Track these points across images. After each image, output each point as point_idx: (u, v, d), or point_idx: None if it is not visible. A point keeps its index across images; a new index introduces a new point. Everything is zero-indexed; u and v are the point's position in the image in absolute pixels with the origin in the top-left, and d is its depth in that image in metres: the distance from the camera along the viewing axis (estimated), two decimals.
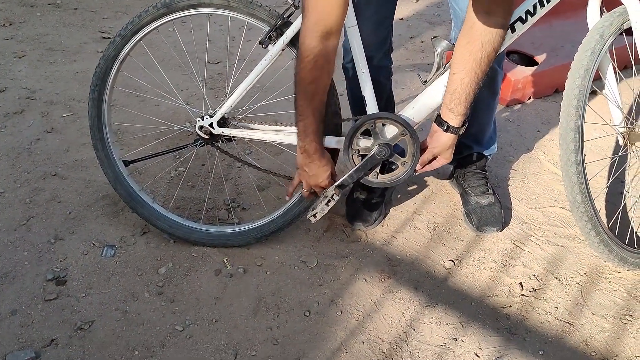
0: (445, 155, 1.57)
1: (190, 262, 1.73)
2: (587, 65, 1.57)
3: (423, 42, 3.31)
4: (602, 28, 1.59)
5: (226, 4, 1.60)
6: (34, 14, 3.34)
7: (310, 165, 1.54)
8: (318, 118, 1.48)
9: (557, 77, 2.68)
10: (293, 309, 1.59)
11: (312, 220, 1.63)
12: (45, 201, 1.93)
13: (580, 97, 1.56)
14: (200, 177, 2.07)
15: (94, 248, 1.77)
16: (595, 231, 1.58)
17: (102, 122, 1.73)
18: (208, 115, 1.68)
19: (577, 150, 1.55)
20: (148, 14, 1.62)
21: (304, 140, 1.50)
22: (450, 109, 1.48)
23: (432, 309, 1.60)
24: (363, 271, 1.71)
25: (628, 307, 1.60)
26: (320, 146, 1.52)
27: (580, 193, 1.56)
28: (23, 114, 2.39)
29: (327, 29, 1.34)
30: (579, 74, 1.57)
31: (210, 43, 3.05)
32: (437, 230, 1.87)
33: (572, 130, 1.55)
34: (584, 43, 1.60)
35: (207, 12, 1.62)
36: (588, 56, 1.57)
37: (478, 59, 1.39)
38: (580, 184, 1.56)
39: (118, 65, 1.68)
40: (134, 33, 1.64)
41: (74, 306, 1.58)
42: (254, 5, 1.59)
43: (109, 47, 1.67)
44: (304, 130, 1.48)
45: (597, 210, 1.62)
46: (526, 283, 1.67)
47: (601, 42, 1.58)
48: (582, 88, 1.56)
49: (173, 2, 1.61)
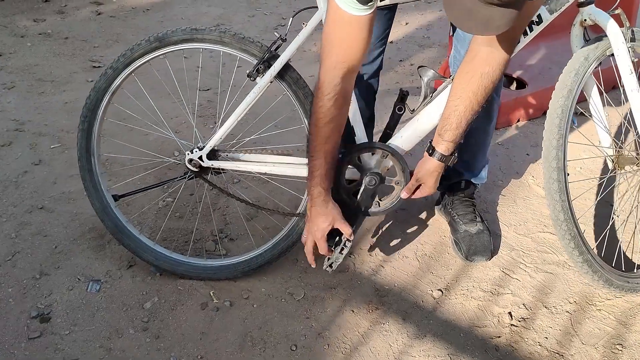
0: (428, 183, 1.55)
1: (176, 296, 1.71)
2: (570, 86, 1.59)
3: (412, 65, 3.33)
4: (587, 51, 1.60)
5: (219, 40, 1.61)
6: (24, 44, 3.36)
7: (311, 209, 1.50)
8: (330, 162, 1.45)
9: (546, 99, 2.66)
10: (279, 343, 1.57)
11: (329, 271, 1.61)
12: (31, 235, 1.92)
13: (563, 117, 1.58)
14: (188, 207, 2.06)
15: (79, 283, 1.75)
16: (579, 250, 1.58)
17: (90, 154, 1.73)
18: (197, 147, 1.68)
19: (560, 168, 1.56)
20: (140, 47, 1.63)
21: (311, 181, 1.47)
22: (440, 135, 1.47)
23: (420, 340, 1.58)
24: (351, 302, 1.70)
25: (618, 336, 1.58)
26: (325, 192, 1.48)
27: (562, 211, 1.56)
28: (11, 146, 2.39)
29: (351, 66, 1.34)
30: (562, 93, 1.59)
31: (202, 70, 3.06)
32: (426, 259, 1.86)
33: (555, 149, 1.56)
34: (568, 65, 1.62)
35: (200, 47, 1.63)
36: (572, 77, 1.59)
37: (475, 90, 1.39)
38: (562, 202, 1.56)
39: (109, 97, 1.69)
40: (125, 65, 1.65)
41: (58, 344, 1.56)
42: (246, 41, 1.60)
43: (100, 79, 1.67)
44: (312, 171, 1.46)
45: (582, 230, 1.62)
46: (515, 312, 1.66)
47: (585, 65, 1.60)
48: (564, 108, 1.58)
49: (166, 36, 1.62)
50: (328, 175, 1.46)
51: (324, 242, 1.53)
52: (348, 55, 1.32)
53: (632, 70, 1.55)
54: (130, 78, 1.69)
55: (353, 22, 1.28)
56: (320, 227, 1.51)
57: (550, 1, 1.52)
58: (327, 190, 1.48)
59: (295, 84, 1.62)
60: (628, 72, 1.55)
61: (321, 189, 1.46)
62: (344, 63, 1.33)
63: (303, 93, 1.63)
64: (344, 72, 1.34)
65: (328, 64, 1.34)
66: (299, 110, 1.66)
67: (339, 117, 1.41)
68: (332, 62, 1.33)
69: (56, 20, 3.73)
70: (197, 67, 3.05)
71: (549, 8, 1.52)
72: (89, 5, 4.02)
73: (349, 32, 1.30)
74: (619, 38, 1.55)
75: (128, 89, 1.82)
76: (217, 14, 4.00)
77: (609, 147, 1.75)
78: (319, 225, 1.51)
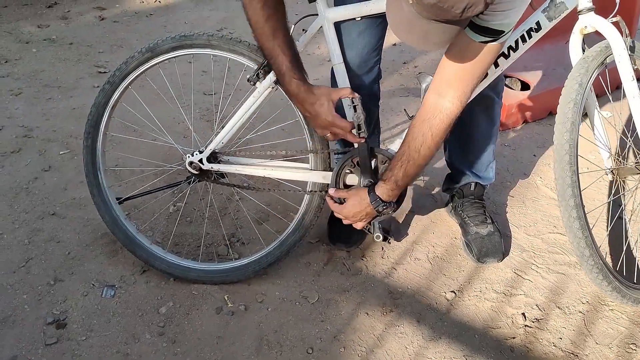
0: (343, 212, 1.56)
1: (191, 301, 1.72)
2: (575, 99, 1.54)
3: (416, 67, 3.35)
4: (587, 61, 1.58)
5: (207, 43, 1.63)
6: (29, 50, 3.36)
7: (305, 105, 1.46)
8: (288, 52, 1.40)
9: (550, 101, 2.70)
10: (295, 346, 1.58)
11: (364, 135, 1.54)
12: (44, 242, 1.93)
13: (571, 152, 1.53)
14: (198, 212, 2.07)
15: (93, 289, 1.76)
16: (607, 281, 1.56)
17: (97, 169, 1.76)
18: (198, 151, 1.70)
19: (577, 205, 1.52)
20: (134, 60, 1.65)
21: (284, 82, 1.42)
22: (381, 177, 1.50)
23: (435, 342, 1.59)
24: (365, 305, 1.71)
25: (632, 336, 1.59)
26: (302, 82, 1.43)
27: (587, 247, 1.53)
28: (20, 152, 2.40)
29: None
30: (568, 107, 1.54)
31: (206, 74, 3.07)
32: (438, 261, 1.87)
33: (569, 187, 1.52)
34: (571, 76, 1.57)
35: (190, 52, 1.65)
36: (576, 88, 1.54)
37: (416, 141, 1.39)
38: (586, 238, 1.53)
39: (109, 112, 1.72)
40: (122, 79, 1.68)
41: (75, 350, 1.56)
42: (234, 41, 1.62)
43: (99, 94, 1.70)
44: (279, 71, 1.42)
45: (604, 256, 1.60)
46: (529, 313, 1.67)
47: (587, 75, 1.56)
48: (571, 142, 1.54)
49: (157, 46, 1.64)
50: (295, 64, 1.42)
51: (341, 121, 1.48)
52: None
53: (633, 77, 1.55)
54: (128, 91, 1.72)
55: None
56: (325, 112, 1.46)
57: (550, 8, 1.53)
58: (303, 79, 1.44)
59: None
60: (629, 78, 1.55)
61: (297, 81, 1.42)
62: None
63: None
64: None
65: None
66: (299, 117, 1.66)
67: (277, 13, 1.37)
68: None
69: (60, 26, 3.74)
70: (203, 72, 3.07)
71: (548, 15, 1.53)
72: (92, 11, 4.03)
73: None
74: (621, 45, 1.55)
75: (131, 96, 1.83)
76: (220, 18, 4.02)
77: (608, 159, 1.75)
78: (324, 112, 1.46)
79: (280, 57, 1.40)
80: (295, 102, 1.48)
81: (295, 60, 1.43)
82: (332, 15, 1.55)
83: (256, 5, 1.35)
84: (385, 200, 1.50)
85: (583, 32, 1.59)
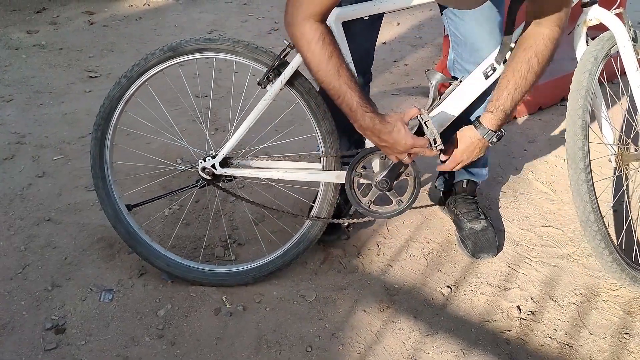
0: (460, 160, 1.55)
1: (189, 303, 1.73)
2: (587, 87, 1.58)
3: (407, 66, 3.37)
4: (594, 51, 1.62)
5: (232, 49, 1.63)
6: (19, 56, 3.36)
7: (382, 138, 1.43)
8: (355, 87, 1.37)
9: (540, 96, 2.73)
10: (294, 345, 1.60)
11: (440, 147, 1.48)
12: (40, 248, 1.93)
13: (584, 117, 1.57)
14: (195, 214, 2.08)
15: (91, 293, 1.76)
16: (609, 250, 1.58)
17: (104, 162, 1.75)
18: (210, 156, 1.70)
19: (587, 168, 1.56)
20: (154, 57, 1.65)
21: (356, 118, 1.40)
22: (487, 108, 1.49)
23: (432, 337, 1.61)
24: (362, 302, 1.72)
25: (625, 326, 1.62)
26: (375, 113, 1.40)
27: (592, 212, 1.56)
28: (13, 159, 2.40)
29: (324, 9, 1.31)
30: (580, 94, 1.58)
31: (204, 78, 3.08)
32: (433, 257, 1.89)
33: (580, 150, 1.56)
34: (580, 66, 1.61)
35: (213, 56, 1.65)
36: (587, 77, 1.58)
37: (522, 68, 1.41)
38: (592, 202, 1.55)
39: (122, 106, 1.70)
40: (139, 75, 1.67)
41: (75, 355, 1.57)
42: (259, 50, 1.62)
43: (114, 87, 1.68)
44: (349, 108, 1.39)
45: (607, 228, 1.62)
46: (524, 306, 1.69)
47: (596, 65, 1.60)
48: (585, 108, 1.58)
49: (180, 46, 1.64)
50: (364, 98, 1.39)
51: (420, 140, 1.44)
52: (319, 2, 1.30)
53: (637, 67, 1.58)
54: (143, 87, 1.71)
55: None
56: (405, 138, 1.42)
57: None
58: (375, 111, 1.40)
59: (307, 92, 1.64)
60: (634, 69, 1.59)
61: (371, 115, 1.39)
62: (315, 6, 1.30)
63: (315, 102, 1.65)
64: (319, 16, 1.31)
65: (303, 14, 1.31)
66: (310, 118, 1.68)
67: (337, 49, 1.35)
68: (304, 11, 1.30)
69: (49, 32, 3.73)
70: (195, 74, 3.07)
71: None
72: (81, 15, 4.02)
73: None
74: (625, 36, 1.58)
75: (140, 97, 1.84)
76: (210, 20, 4.02)
77: (613, 145, 1.78)
78: (403, 137, 1.42)
79: (349, 93, 1.37)
80: (369, 134, 1.44)
81: (363, 92, 1.41)
82: (339, 14, 1.54)
83: (314, 47, 1.33)
84: (494, 130, 1.50)
85: (587, 24, 1.62)
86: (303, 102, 1.65)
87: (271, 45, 3.13)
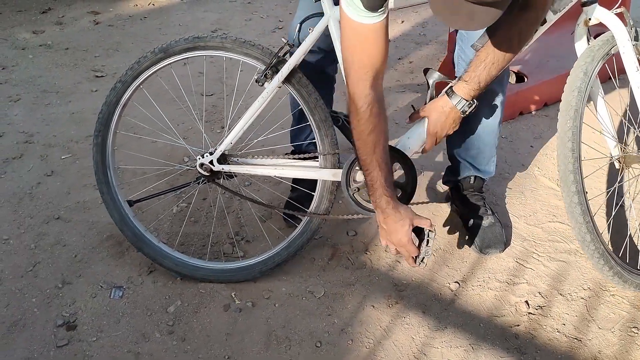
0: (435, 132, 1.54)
1: (198, 299, 1.74)
2: (576, 106, 1.58)
3: (411, 63, 3.37)
4: (592, 51, 1.61)
5: (221, 45, 1.65)
6: (26, 56, 3.37)
7: (386, 221, 1.46)
8: (384, 169, 1.41)
9: (545, 92, 2.73)
10: (304, 340, 1.61)
11: (423, 267, 1.52)
12: (50, 246, 1.94)
13: (574, 139, 1.56)
14: (202, 212, 2.09)
15: (102, 290, 1.78)
16: (608, 265, 1.59)
17: (106, 167, 1.77)
18: (208, 152, 1.71)
19: (579, 191, 1.56)
20: (147, 59, 1.66)
21: (374, 194, 1.44)
22: (462, 77, 1.49)
23: (441, 332, 1.61)
24: (370, 298, 1.73)
25: (633, 320, 1.63)
26: (392, 199, 1.43)
27: (588, 232, 1.56)
28: (22, 158, 2.41)
29: (377, 72, 1.33)
30: (569, 115, 1.57)
31: (205, 76, 3.09)
32: (440, 252, 1.89)
33: (571, 173, 1.55)
34: (576, 65, 1.60)
35: (203, 54, 1.67)
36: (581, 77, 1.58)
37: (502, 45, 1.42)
38: (587, 224, 1.55)
39: (120, 111, 1.73)
40: (134, 78, 1.69)
41: (86, 351, 1.58)
42: (248, 44, 1.64)
43: (110, 93, 1.71)
44: (372, 184, 1.43)
45: (607, 243, 1.62)
46: (532, 301, 1.70)
47: (593, 64, 1.60)
48: (574, 129, 1.56)
49: (170, 47, 1.66)
50: (388, 182, 1.43)
51: (412, 246, 1.46)
52: (371, 64, 1.31)
53: (638, 67, 1.58)
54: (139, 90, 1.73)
55: (368, 30, 1.27)
56: (403, 234, 1.45)
57: (554, 2, 1.55)
58: (393, 197, 1.44)
59: (304, 88, 1.65)
60: (634, 69, 1.58)
61: (387, 198, 1.43)
62: (368, 72, 1.32)
63: (313, 98, 1.66)
64: (371, 80, 1.33)
65: (354, 77, 1.33)
66: (308, 115, 1.69)
67: (380, 124, 1.38)
68: (358, 74, 1.32)
69: (55, 32, 3.74)
70: (200, 73, 3.08)
71: (553, 9, 1.55)
72: (87, 15, 4.03)
73: (366, 41, 1.29)
74: (625, 36, 1.58)
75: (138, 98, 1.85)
76: (214, 19, 4.03)
77: (614, 148, 1.78)
78: (402, 232, 1.45)
79: (376, 171, 1.41)
80: (378, 212, 1.47)
81: (389, 176, 1.44)
82: (338, 13, 1.53)
83: (363, 115, 1.35)
84: (467, 100, 1.50)
85: (587, 23, 1.62)
86: (300, 98, 1.67)
87: (276, 43, 3.14)
